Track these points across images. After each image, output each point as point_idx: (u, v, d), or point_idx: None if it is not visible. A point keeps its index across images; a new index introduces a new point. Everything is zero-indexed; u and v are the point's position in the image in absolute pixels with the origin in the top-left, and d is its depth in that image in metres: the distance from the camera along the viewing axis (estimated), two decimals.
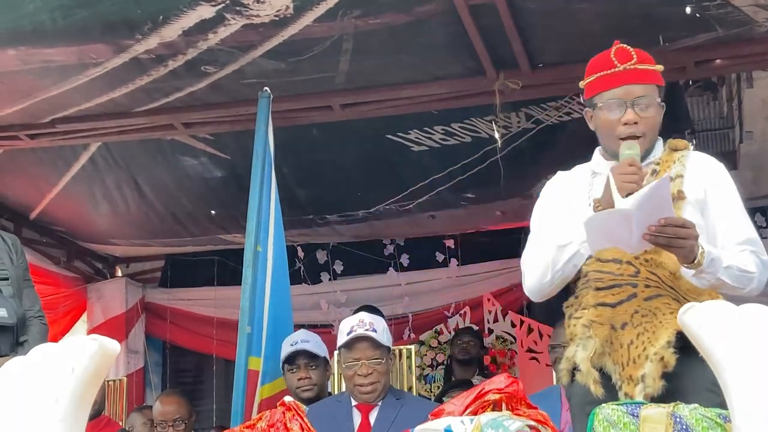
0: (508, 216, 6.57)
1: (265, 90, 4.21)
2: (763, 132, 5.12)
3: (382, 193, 6.03)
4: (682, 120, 4.90)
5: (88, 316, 7.46)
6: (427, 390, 6.62)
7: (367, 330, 3.42)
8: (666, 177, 2.34)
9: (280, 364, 3.91)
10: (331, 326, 6.71)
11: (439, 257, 7.19)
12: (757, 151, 5.41)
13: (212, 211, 6.32)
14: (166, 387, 7.35)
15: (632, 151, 2.40)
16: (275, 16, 3.84)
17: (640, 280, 2.34)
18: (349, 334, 3.43)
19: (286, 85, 4.48)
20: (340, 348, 3.53)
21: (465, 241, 7.14)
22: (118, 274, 7.78)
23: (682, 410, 1.86)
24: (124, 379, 6.05)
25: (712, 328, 1.41)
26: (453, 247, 7.15)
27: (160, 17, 3.83)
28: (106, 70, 4.27)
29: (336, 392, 4.16)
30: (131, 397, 6.45)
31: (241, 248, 4.09)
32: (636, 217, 2.22)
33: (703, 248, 2.27)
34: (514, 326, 6.96)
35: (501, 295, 7.06)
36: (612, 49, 2.52)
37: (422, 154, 5.38)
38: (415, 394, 4.59)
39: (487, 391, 2.05)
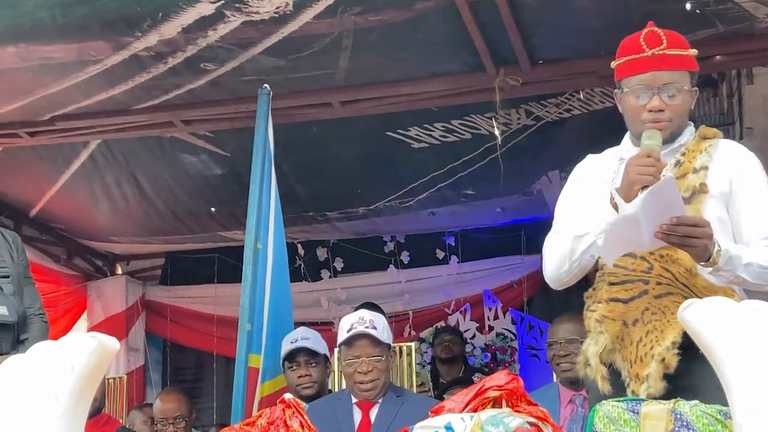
0: (509, 213, 6.57)
1: (265, 87, 4.21)
2: (764, 128, 5.11)
3: (382, 190, 6.03)
4: None
5: (88, 314, 7.46)
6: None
7: (367, 327, 3.42)
8: (671, 176, 2.26)
9: (281, 362, 3.91)
10: (331, 323, 6.71)
11: (440, 254, 7.19)
12: (757, 148, 5.39)
13: (212, 209, 6.32)
14: (167, 385, 7.35)
15: (653, 141, 2.32)
16: (275, 13, 3.84)
17: (652, 277, 2.32)
18: (349, 332, 3.43)
19: (286, 82, 4.48)
20: (340, 345, 3.53)
21: (465, 238, 7.13)
22: (118, 271, 7.77)
23: (682, 407, 1.86)
24: (125, 376, 6.05)
25: (712, 324, 1.41)
26: (453, 244, 7.15)
27: (160, 14, 3.83)
28: (105, 68, 4.27)
29: (336, 389, 4.16)
30: (131, 395, 6.45)
31: (241, 245, 4.09)
32: (644, 216, 2.16)
33: (719, 246, 2.21)
34: (514, 323, 6.97)
35: (501, 292, 7.07)
36: (642, 32, 2.43)
37: (422, 151, 5.38)
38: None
39: (487, 388, 2.05)
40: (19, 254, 3.69)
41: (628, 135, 2.53)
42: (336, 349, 3.97)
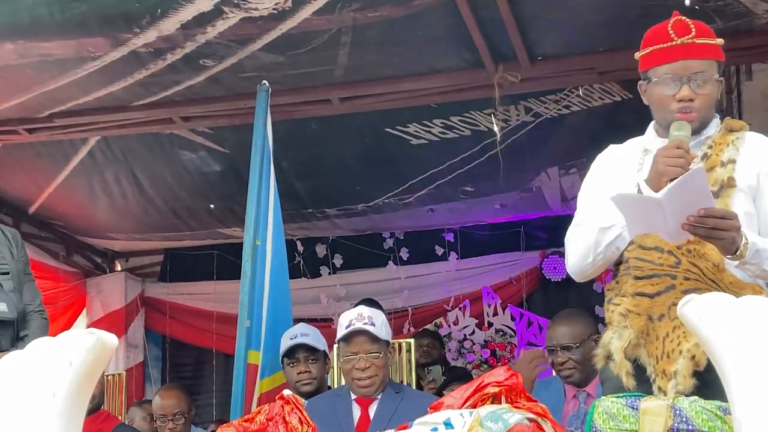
0: (508, 209, 6.56)
1: (264, 83, 4.21)
2: (763, 124, 5.10)
3: (381, 186, 6.02)
4: None
5: (88, 311, 7.46)
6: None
7: (366, 324, 3.41)
8: (701, 167, 2.23)
9: (280, 358, 3.91)
10: (330, 320, 6.71)
11: (439, 251, 7.18)
12: None
13: (211, 205, 6.31)
14: (166, 381, 7.35)
15: (682, 132, 2.30)
16: (273, 9, 3.83)
17: (680, 272, 2.28)
18: (347, 328, 3.43)
19: (285, 79, 4.48)
20: (339, 341, 3.53)
21: (464, 235, 7.13)
22: (118, 268, 7.77)
23: (681, 402, 1.86)
24: (124, 373, 6.04)
25: (711, 320, 1.41)
26: (452, 241, 7.14)
27: (158, 10, 3.82)
28: (104, 64, 4.26)
29: (335, 386, 4.15)
30: (131, 392, 6.45)
31: (240, 242, 4.09)
32: (669, 206, 2.14)
33: (747, 239, 2.19)
34: (513, 319, 6.97)
35: (500, 289, 7.06)
36: (670, 21, 2.41)
37: (421, 148, 5.37)
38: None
39: (487, 384, 2.05)
40: (19, 251, 3.68)
41: (652, 125, 2.51)
42: (335, 346, 3.97)
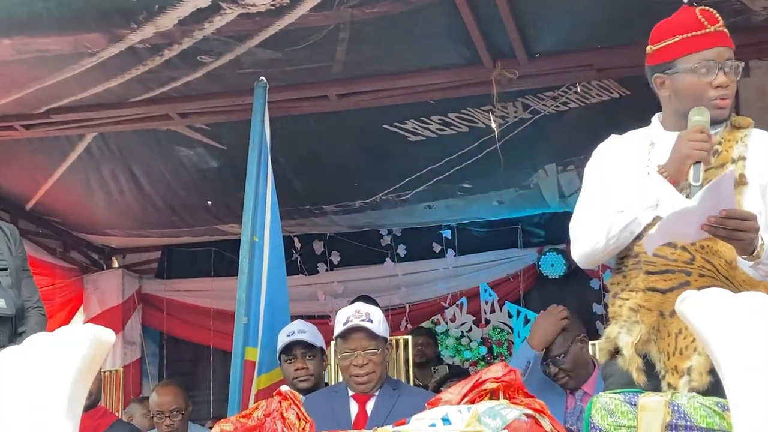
0: (505, 206, 6.56)
1: (262, 80, 4.20)
2: (760, 121, 5.10)
3: (378, 183, 6.02)
4: None
5: (85, 307, 7.45)
6: None
7: (363, 320, 3.41)
8: (731, 171, 2.22)
9: (277, 355, 3.91)
10: (328, 317, 6.71)
11: (436, 248, 7.18)
12: None
13: (209, 202, 6.31)
14: (163, 378, 7.34)
15: (703, 117, 2.29)
16: (271, 5, 3.82)
17: (694, 268, 2.26)
18: (345, 325, 3.43)
19: (283, 75, 4.47)
20: (337, 338, 3.52)
21: (462, 232, 7.13)
22: (115, 265, 7.76)
23: (680, 399, 1.86)
24: (121, 369, 6.03)
25: (709, 317, 1.40)
26: (450, 238, 7.14)
27: (156, 6, 3.81)
28: (101, 60, 4.25)
29: (332, 383, 4.15)
30: (128, 388, 6.45)
31: (237, 239, 4.09)
32: (699, 210, 2.13)
33: (763, 240, 2.19)
34: (510, 316, 6.97)
35: (498, 286, 7.06)
36: (695, 10, 2.39)
37: (419, 144, 5.37)
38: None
39: (485, 380, 2.05)
40: (17, 247, 3.68)
41: (657, 118, 2.49)
42: (332, 342, 3.97)
